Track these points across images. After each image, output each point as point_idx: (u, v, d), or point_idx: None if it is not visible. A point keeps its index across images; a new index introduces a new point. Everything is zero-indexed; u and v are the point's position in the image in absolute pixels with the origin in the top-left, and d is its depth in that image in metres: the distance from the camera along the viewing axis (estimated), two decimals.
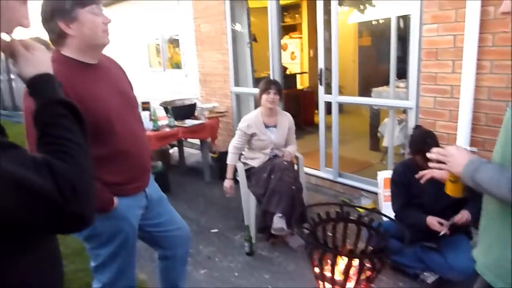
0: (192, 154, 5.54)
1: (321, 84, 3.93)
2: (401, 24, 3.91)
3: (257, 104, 5.02)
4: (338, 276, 1.91)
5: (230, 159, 3.18)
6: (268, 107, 3.10)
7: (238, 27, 4.86)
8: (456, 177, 1.28)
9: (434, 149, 1.28)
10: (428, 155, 1.29)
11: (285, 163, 2.98)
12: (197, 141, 5.09)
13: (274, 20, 4.28)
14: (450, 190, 1.35)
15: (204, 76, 5.42)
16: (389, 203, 2.82)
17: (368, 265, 1.85)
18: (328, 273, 1.92)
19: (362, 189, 3.75)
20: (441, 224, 2.27)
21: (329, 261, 1.85)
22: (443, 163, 1.26)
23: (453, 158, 1.21)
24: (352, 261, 1.82)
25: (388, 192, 3.15)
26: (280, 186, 2.88)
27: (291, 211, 2.86)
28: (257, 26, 5.39)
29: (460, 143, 2.83)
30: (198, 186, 4.50)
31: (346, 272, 1.83)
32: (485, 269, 1.21)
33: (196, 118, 4.56)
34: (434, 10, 2.86)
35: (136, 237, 1.79)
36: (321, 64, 3.88)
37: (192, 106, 4.63)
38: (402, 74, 4.09)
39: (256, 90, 4.79)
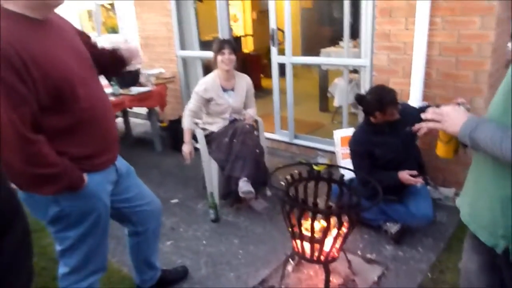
0: (138, 124, 5.27)
1: (273, 45, 3.85)
2: None
3: (206, 68, 4.85)
4: (316, 234, 1.92)
5: (187, 123, 3.02)
6: (224, 68, 2.97)
7: None
8: (449, 137, 1.27)
9: (430, 109, 1.24)
10: (423, 115, 1.26)
11: (247, 126, 2.91)
12: (143, 111, 4.84)
13: None
14: (442, 151, 1.33)
15: (145, 40, 5.07)
16: (347, 161, 2.90)
17: (344, 221, 1.87)
18: (306, 232, 1.93)
19: (318, 149, 3.82)
20: (413, 176, 2.38)
21: (309, 218, 1.85)
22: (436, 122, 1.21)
23: (449, 117, 1.18)
24: (331, 218, 1.83)
25: (345, 150, 3.23)
26: (244, 150, 2.81)
27: (256, 174, 2.83)
28: None
29: (413, 98, 2.93)
30: (150, 157, 4.31)
31: (325, 229, 1.84)
32: (470, 218, 1.24)
33: (141, 85, 4.28)
34: None
35: (109, 215, 1.65)
36: (272, 24, 3.78)
37: (136, 73, 4.32)
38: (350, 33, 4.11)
39: (204, 54, 4.63)
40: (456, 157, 1.35)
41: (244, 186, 2.74)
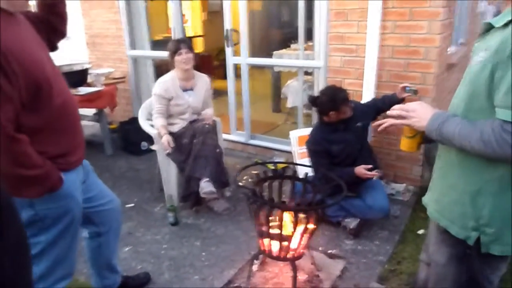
0: (85, 126, 5.00)
1: (228, 46, 3.84)
2: None
3: (157, 68, 4.73)
4: (285, 232, 1.94)
5: (159, 121, 2.93)
6: (184, 68, 2.91)
7: None
8: (414, 132, 1.31)
9: (396, 106, 1.29)
10: (389, 112, 1.30)
11: (207, 126, 2.87)
12: (89, 112, 4.61)
13: None
14: (406, 145, 1.37)
15: (92, 38, 4.84)
16: (305, 160, 2.97)
17: (311, 218, 1.91)
18: (274, 230, 1.94)
19: (274, 149, 3.86)
20: (368, 169, 2.48)
21: (276, 217, 1.86)
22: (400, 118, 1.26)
23: (416, 113, 1.23)
24: (299, 215, 1.86)
25: (302, 150, 3.30)
26: (204, 150, 2.78)
27: (218, 174, 2.80)
28: None
29: (366, 99, 3.06)
30: (100, 160, 4.11)
31: (294, 226, 1.86)
32: (438, 214, 1.29)
33: (90, 85, 4.08)
34: None
35: (81, 214, 1.57)
36: (227, 24, 3.77)
37: (84, 72, 4.12)
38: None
39: (155, 53, 4.51)
40: (405, 155, 1.42)
41: (206, 186, 2.70)
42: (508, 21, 1.05)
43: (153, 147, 3.11)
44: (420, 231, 2.67)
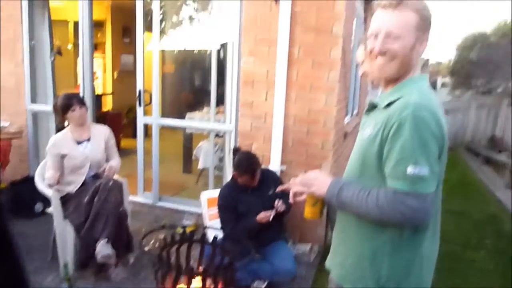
0: None
1: (140, 106, 3.82)
2: (221, 55, 4.21)
3: (59, 124, 4.46)
4: None
5: (51, 172, 2.77)
6: (79, 123, 2.85)
7: (37, 36, 4.24)
8: (315, 200, 1.39)
9: (299, 176, 1.36)
10: (292, 180, 1.38)
11: (111, 183, 2.73)
12: None
13: (86, 35, 3.94)
14: (310, 213, 1.43)
15: None
16: (215, 221, 2.96)
17: (220, 283, 1.88)
18: None
19: (184, 211, 3.78)
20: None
21: (184, 283, 1.79)
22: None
23: (316, 181, 1.31)
24: (207, 280, 1.81)
25: (212, 211, 3.29)
26: (105, 208, 2.61)
27: (118, 235, 2.63)
28: (57, 39, 4.84)
29: (273, 163, 3.23)
30: None
31: None
32: (342, 278, 1.36)
33: None
34: (251, 45, 3.22)
35: None
36: (139, 85, 3.78)
37: None
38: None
39: None
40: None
41: (103, 249, 2.50)
42: (391, 102, 1.23)
43: (49, 210, 2.84)
44: None
